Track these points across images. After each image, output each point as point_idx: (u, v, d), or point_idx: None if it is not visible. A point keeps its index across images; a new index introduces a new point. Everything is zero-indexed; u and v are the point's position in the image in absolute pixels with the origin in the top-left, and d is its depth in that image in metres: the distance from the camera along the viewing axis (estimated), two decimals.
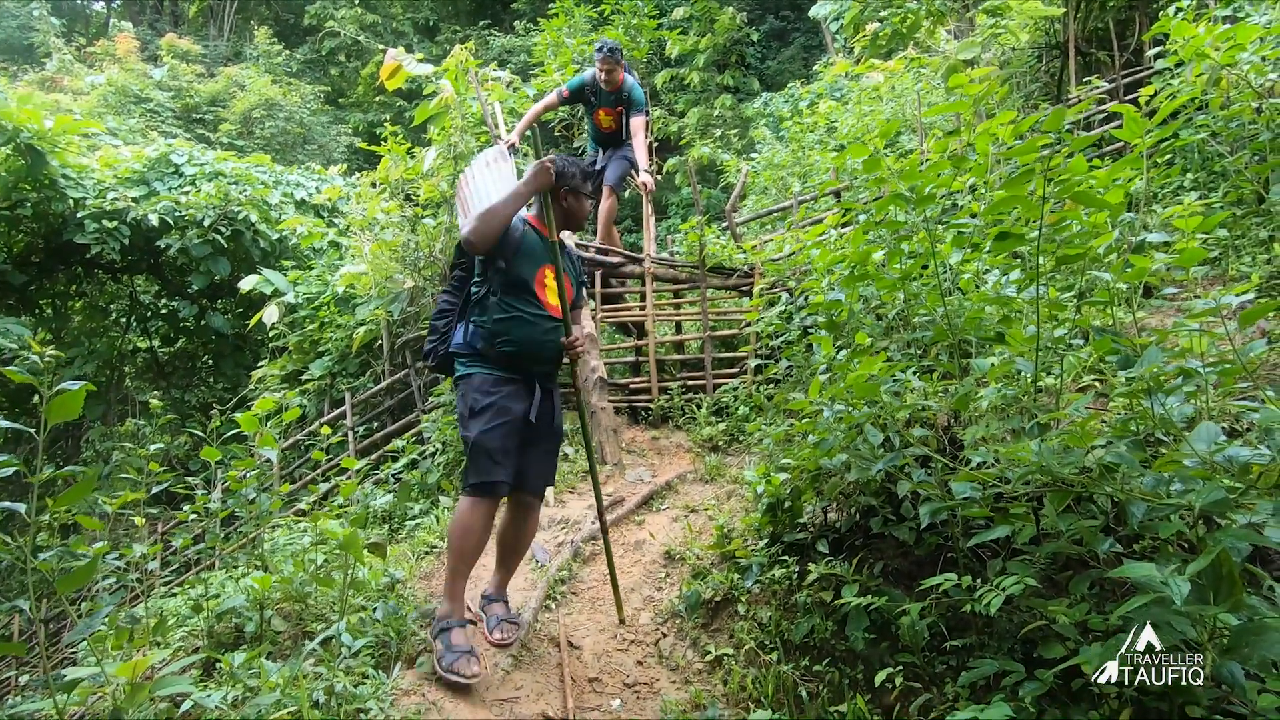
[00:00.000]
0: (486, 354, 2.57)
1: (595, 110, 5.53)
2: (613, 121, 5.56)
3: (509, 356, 2.56)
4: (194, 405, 9.53)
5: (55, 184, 7.65)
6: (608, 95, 5.40)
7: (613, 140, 5.69)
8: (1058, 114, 2.04)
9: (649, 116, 6.03)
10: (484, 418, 2.50)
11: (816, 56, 14.84)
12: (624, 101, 5.44)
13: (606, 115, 5.52)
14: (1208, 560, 1.32)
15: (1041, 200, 1.94)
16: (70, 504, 1.91)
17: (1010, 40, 6.19)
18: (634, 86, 5.45)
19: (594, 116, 5.59)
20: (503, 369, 2.58)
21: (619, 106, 5.49)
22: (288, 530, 4.34)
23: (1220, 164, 4.16)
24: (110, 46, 18.34)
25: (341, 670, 2.41)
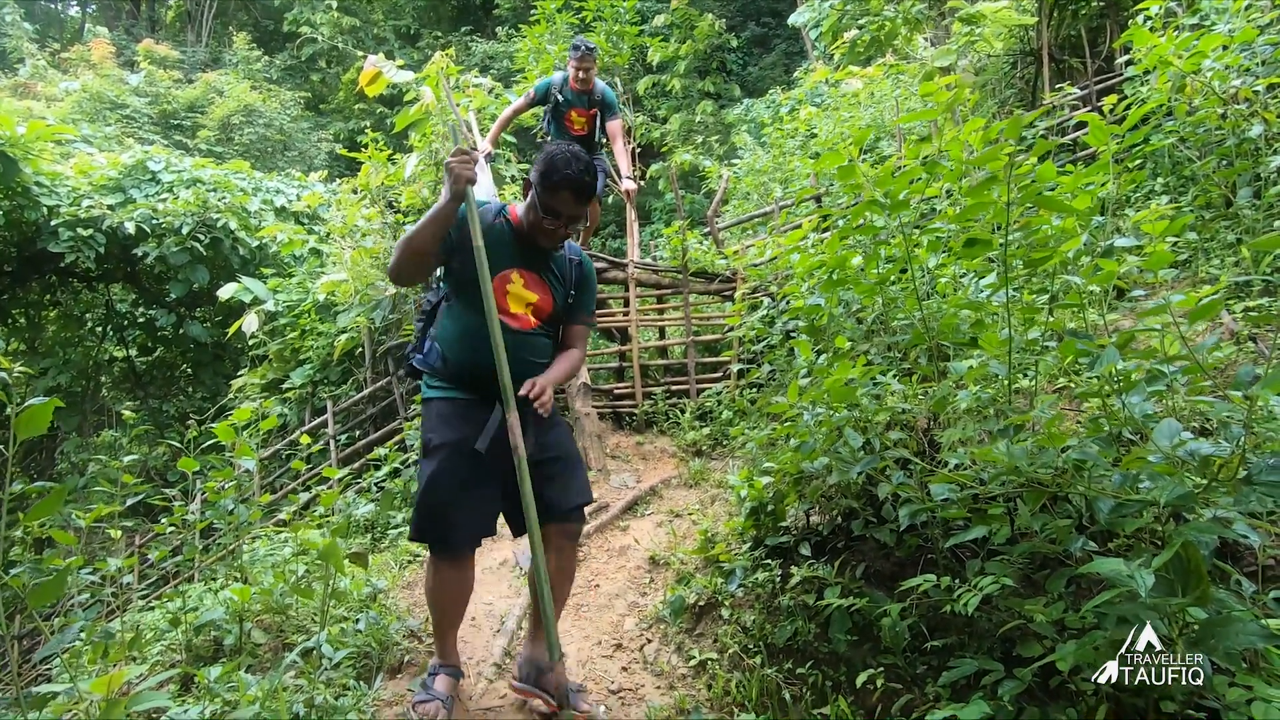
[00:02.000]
0: (442, 372, 2.18)
1: (565, 113, 5.26)
2: (585, 124, 5.32)
3: (462, 375, 2.14)
4: (172, 415, 9.40)
5: (28, 191, 7.53)
6: (579, 96, 5.19)
7: (584, 146, 5.43)
8: (1015, 121, 2.08)
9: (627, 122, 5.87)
10: (436, 458, 2.10)
11: (797, 63, 14.98)
12: (598, 103, 5.24)
13: (579, 116, 5.28)
14: (1170, 554, 1.35)
15: (1007, 205, 1.98)
16: (42, 518, 1.88)
17: (985, 47, 6.30)
18: (606, 89, 5.28)
19: (564, 119, 5.29)
20: (462, 390, 2.16)
21: (592, 109, 5.27)
22: (268, 541, 4.29)
23: (1189, 169, 4.26)
24: (85, 52, 18.11)
25: (322, 682, 2.39)
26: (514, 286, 2.15)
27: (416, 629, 2.93)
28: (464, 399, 2.15)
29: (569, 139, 5.31)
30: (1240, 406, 1.58)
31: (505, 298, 2.13)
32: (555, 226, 2.09)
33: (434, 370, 2.19)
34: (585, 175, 2.04)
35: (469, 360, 2.12)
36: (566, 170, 2.01)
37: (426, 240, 2.00)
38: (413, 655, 2.77)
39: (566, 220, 2.09)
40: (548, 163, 2.04)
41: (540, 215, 2.07)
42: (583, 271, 2.29)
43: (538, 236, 2.13)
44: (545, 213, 2.06)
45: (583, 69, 5.07)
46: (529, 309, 2.17)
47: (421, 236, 1.99)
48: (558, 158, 2.03)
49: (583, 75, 5.08)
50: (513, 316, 2.14)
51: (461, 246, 2.07)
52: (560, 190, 2.03)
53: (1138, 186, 4.49)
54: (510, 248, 2.16)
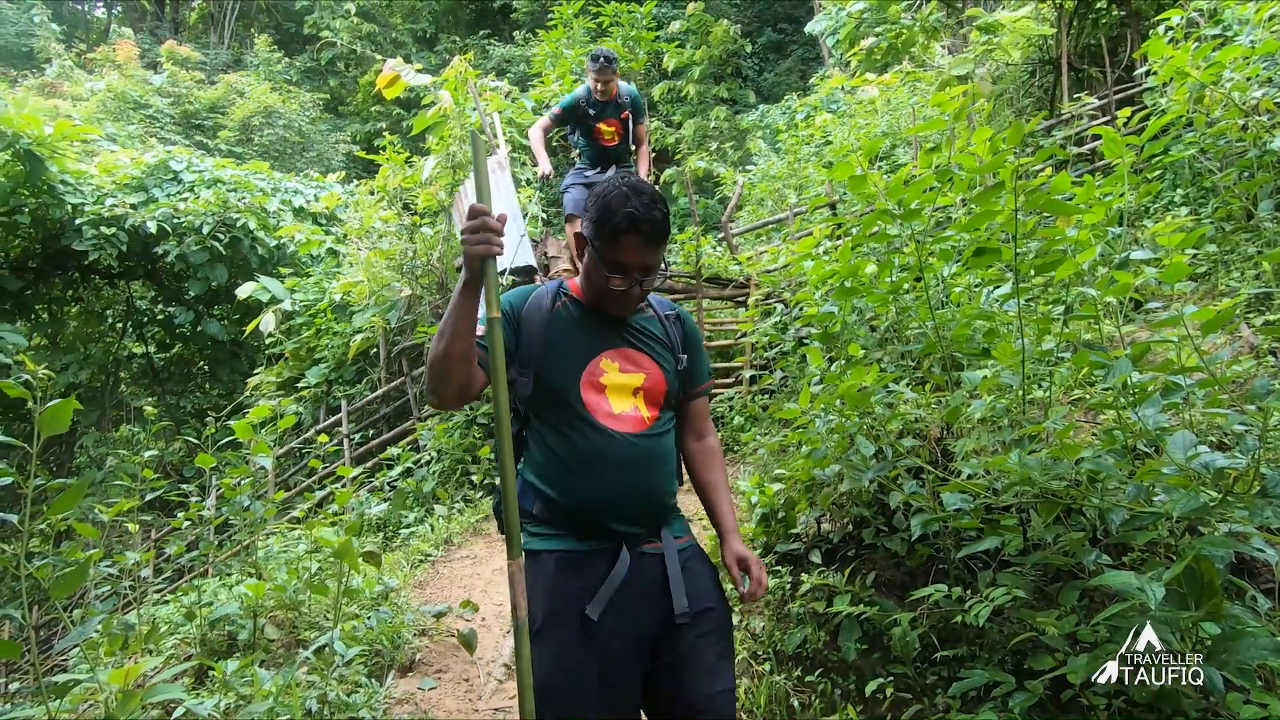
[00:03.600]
0: (544, 517, 1.57)
1: (595, 125, 5.12)
2: (615, 133, 5.17)
3: (573, 516, 1.54)
4: (189, 411, 9.52)
5: (54, 190, 7.67)
6: (607, 106, 5.03)
7: (616, 155, 5.27)
8: (1016, 128, 2.08)
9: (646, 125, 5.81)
10: (549, 648, 1.47)
11: (814, 69, 14.97)
12: (626, 107, 5.09)
13: (609, 127, 5.13)
14: (1182, 567, 1.34)
15: (1015, 213, 1.98)
16: (63, 511, 1.92)
17: (1003, 56, 6.27)
18: (631, 90, 5.15)
19: (593, 132, 5.15)
20: (573, 537, 1.55)
21: (623, 114, 5.09)
22: (282, 538, 4.34)
23: (1210, 180, 4.22)
24: (110, 53, 18.42)
25: (335, 679, 2.42)
26: (610, 377, 1.58)
27: (428, 628, 2.95)
28: (579, 551, 1.54)
29: (600, 151, 5.22)
30: (1256, 419, 1.57)
31: (602, 397, 1.56)
32: (627, 287, 1.53)
33: (530, 514, 1.60)
34: (653, 210, 1.50)
35: (577, 498, 1.52)
36: (627, 208, 1.47)
37: (451, 346, 1.43)
38: (424, 654, 2.80)
39: (638, 274, 1.53)
40: (600, 205, 1.52)
41: (605, 275, 1.53)
42: (685, 326, 1.73)
43: (607, 305, 1.59)
44: (610, 270, 1.52)
45: (602, 80, 4.93)
46: (638, 397, 1.59)
47: (449, 335, 1.43)
48: (612, 196, 1.50)
49: (603, 86, 4.96)
50: (619, 418, 1.55)
51: (527, 352, 1.55)
52: (623, 236, 1.49)
53: (1157, 197, 4.46)
54: (586, 331, 1.60)
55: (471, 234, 1.38)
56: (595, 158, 5.28)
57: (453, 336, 1.43)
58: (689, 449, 1.72)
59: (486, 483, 4.81)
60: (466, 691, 2.61)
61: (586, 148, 5.26)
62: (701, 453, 1.73)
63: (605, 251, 1.52)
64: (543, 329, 1.56)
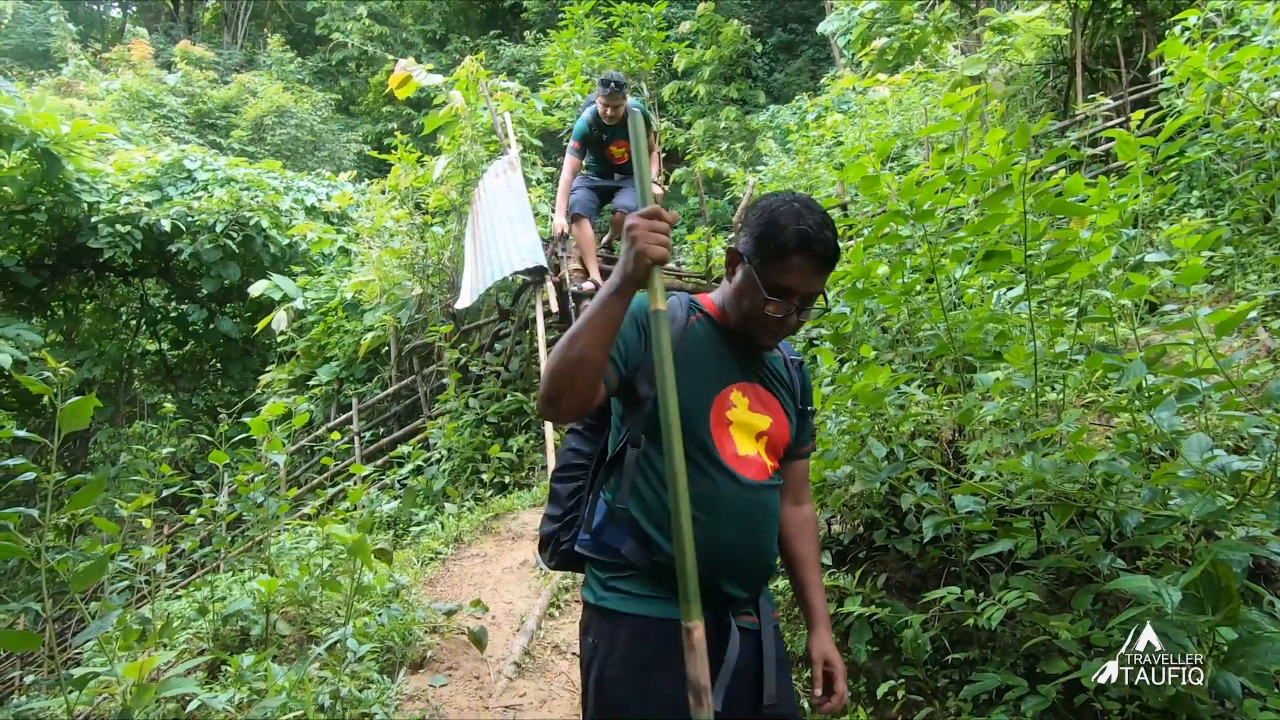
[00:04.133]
0: (640, 564, 1.33)
1: (606, 146, 5.17)
2: (625, 151, 5.17)
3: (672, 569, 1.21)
4: (201, 408, 9.60)
5: (70, 188, 7.75)
6: (617, 127, 5.07)
7: (624, 169, 5.31)
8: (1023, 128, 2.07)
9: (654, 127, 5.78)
10: None
11: (824, 69, 14.93)
12: None
13: (620, 147, 5.19)
14: (1198, 571, 1.33)
15: (1024, 215, 1.98)
16: (83, 506, 1.94)
17: (1016, 56, 6.24)
18: (638, 106, 5.29)
19: (605, 153, 5.21)
20: (669, 597, 1.25)
21: None
22: (293, 535, 4.37)
23: (1226, 181, 4.18)
24: (125, 52, 18.59)
25: (347, 675, 2.43)
26: (737, 412, 1.38)
27: (438, 625, 2.97)
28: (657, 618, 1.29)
29: (609, 168, 5.26)
30: (1273, 422, 1.56)
31: (727, 434, 1.36)
32: (785, 314, 1.34)
33: (611, 554, 1.35)
34: (826, 230, 1.32)
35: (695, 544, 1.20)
36: (799, 226, 1.30)
37: (589, 353, 1.21)
38: (435, 651, 2.81)
39: (799, 300, 1.35)
40: (766, 220, 1.33)
41: (763, 299, 1.33)
42: (804, 372, 1.54)
43: (756, 333, 1.39)
44: (771, 293, 1.32)
45: (612, 105, 4.94)
46: (761, 443, 1.40)
47: (586, 341, 1.20)
48: (780, 211, 1.33)
49: (613, 111, 4.96)
50: (744, 462, 1.36)
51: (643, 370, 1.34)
52: (791, 256, 1.31)
53: (1172, 199, 4.43)
54: (718, 355, 1.40)
55: (648, 230, 1.16)
56: (603, 171, 5.32)
57: (591, 344, 1.21)
58: (785, 514, 1.49)
59: (496, 481, 4.83)
60: (477, 689, 2.62)
61: (597, 166, 5.30)
62: (798, 521, 1.52)
63: (767, 271, 1.33)
64: (677, 340, 1.34)
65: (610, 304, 1.21)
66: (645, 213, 1.19)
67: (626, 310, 1.24)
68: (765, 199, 1.39)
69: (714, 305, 1.48)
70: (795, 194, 1.39)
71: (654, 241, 1.16)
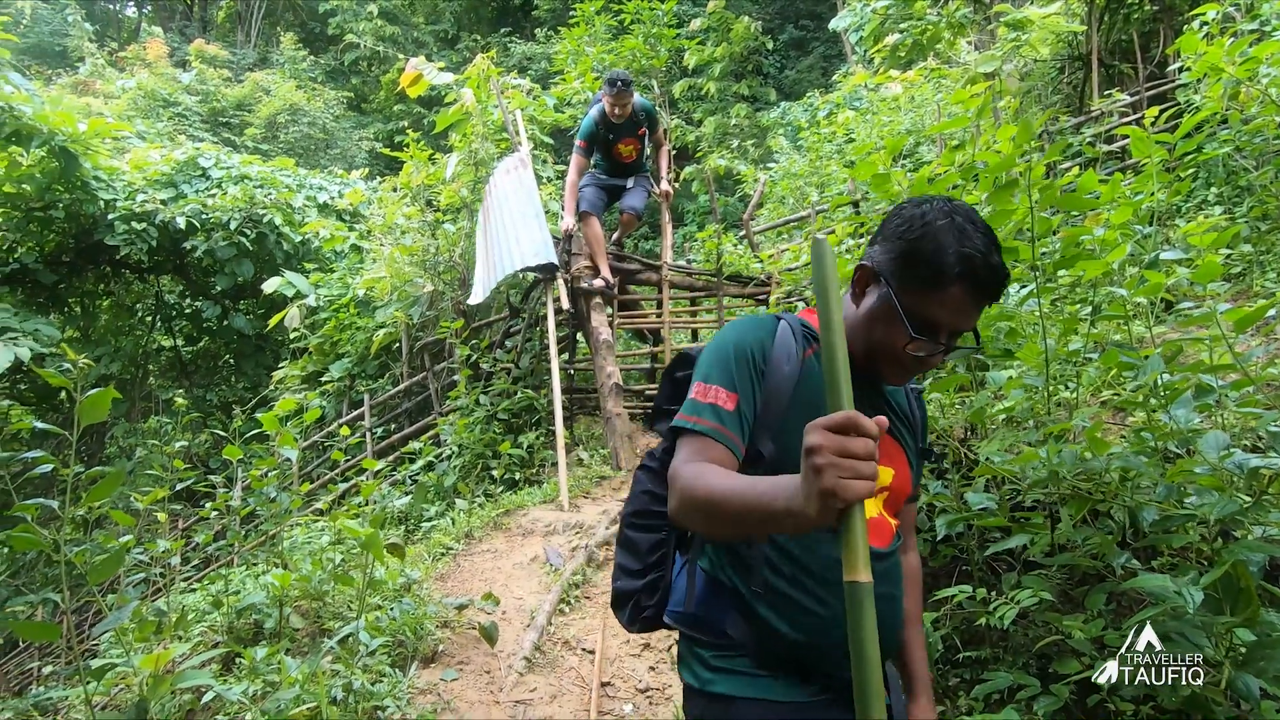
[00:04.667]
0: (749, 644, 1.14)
1: (614, 145, 5.18)
2: (633, 149, 5.24)
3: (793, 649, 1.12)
4: (215, 404, 9.69)
5: (87, 186, 7.84)
6: (624, 125, 5.08)
7: (634, 167, 5.33)
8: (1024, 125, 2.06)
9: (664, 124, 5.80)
10: None
11: (836, 66, 14.85)
12: (643, 122, 5.16)
13: (627, 145, 5.20)
14: (1220, 571, 1.32)
15: (1032, 210, 1.96)
16: (101, 499, 1.97)
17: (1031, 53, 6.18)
18: (644, 102, 5.19)
19: (613, 152, 5.21)
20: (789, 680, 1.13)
21: (640, 130, 5.17)
22: (305, 529, 4.41)
23: (1245, 178, 4.13)
24: (141, 51, 18.77)
25: (359, 668, 2.45)
26: None
27: (450, 620, 2.98)
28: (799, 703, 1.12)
29: (617, 167, 5.25)
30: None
31: None
32: (929, 351, 1.10)
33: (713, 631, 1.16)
34: (995, 254, 1.06)
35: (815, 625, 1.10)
36: (965, 248, 1.04)
37: (736, 532, 1.04)
38: (446, 645, 2.83)
39: (948, 338, 1.10)
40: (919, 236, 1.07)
41: (904, 335, 1.07)
42: (923, 403, 1.33)
43: (886, 369, 1.15)
44: (917, 328, 1.07)
45: (620, 104, 4.94)
46: (880, 498, 1.20)
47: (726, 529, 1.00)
48: (939, 227, 1.05)
49: (620, 110, 4.97)
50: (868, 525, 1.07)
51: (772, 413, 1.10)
52: (950, 287, 1.05)
53: (1189, 197, 4.37)
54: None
55: (839, 455, 0.77)
56: (611, 170, 5.32)
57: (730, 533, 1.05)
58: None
59: (506, 477, 4.85)
60: (488, 684, 2.64)
61: (605, 164, 5.31)
62: (904, 573, 1.28)
63: (913, 301, 1.07)
64: (790, 385, 1.11)
65: (765, 522, 0.90)
66: (834, 423, 0.78)
67: (785, 530, 0.92)
68: (912, 206, 1.11)
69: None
70: (951, 202, 1.09)
71: (849, 473, 0.77)
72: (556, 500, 4.19)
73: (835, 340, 0.81)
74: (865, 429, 0.78)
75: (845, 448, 0.77)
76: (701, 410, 1.08)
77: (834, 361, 0.81)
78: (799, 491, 0.81)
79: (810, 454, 0.78)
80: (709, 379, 1.10)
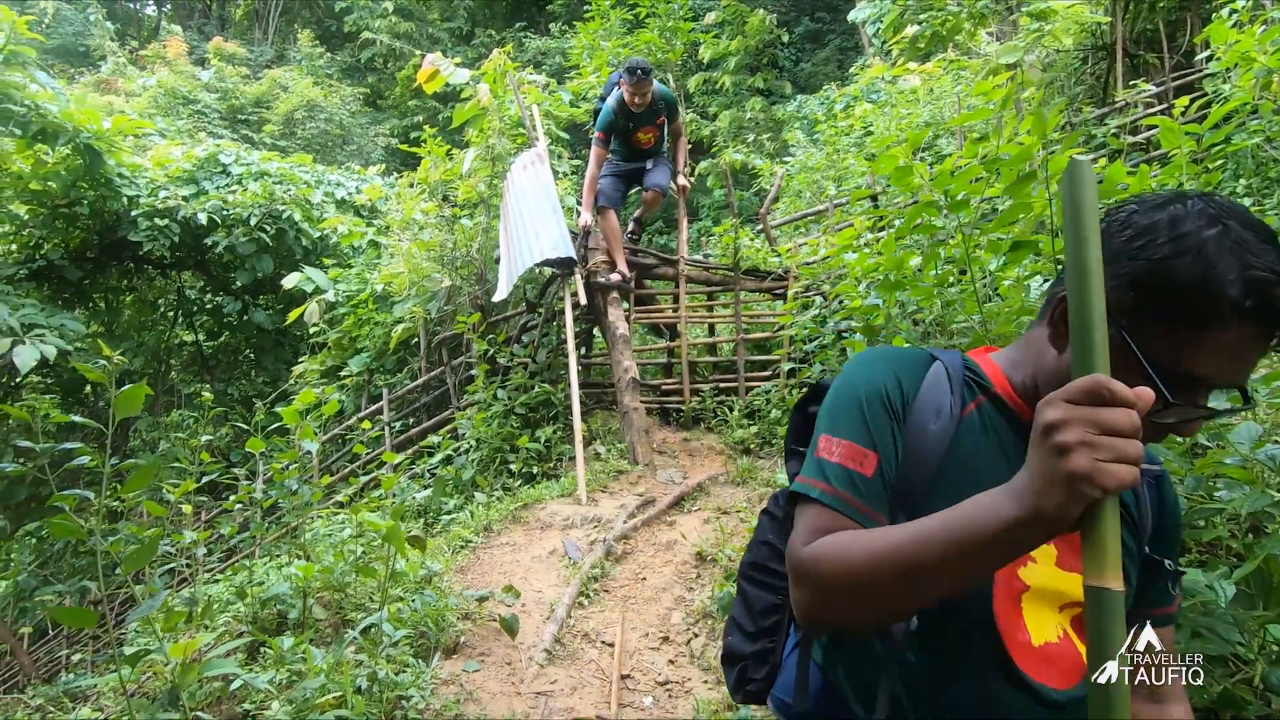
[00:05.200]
0: None
1: (634, 133, 5.15)
2: (652, 136, 5.22)
3: None
4: (236, 398, 9.81)
5: (111, 183, 7.95)
6: (643, 114, 5.05)
7: (652, 153, 5.35)
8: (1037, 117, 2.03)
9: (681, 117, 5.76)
10: None
11: (852, 59, 14.71)
12: (662, 111, 5.13)
13: (646, 134, 5.18)
14: (1254, 564, 1.30)
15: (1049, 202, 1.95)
16: (136, 490, 2.01)
17: (1053, 43, 6.09)
18: (664, 90, 5.16)
19: (632, 140, 5.20)
20: None
21: (659, 118, 5.15)
22: (326, 522, 4.46)
23: (1275, 170, 4.05)
24: (161, 49, 18.99)
25: (383, 658, 2.48)
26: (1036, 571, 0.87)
27: (470, 612, 3.01)
28: None
29: (635, 152, 5.21)
30: None
31: (1015, 611, 0.85)
32: (1183, 417, 0.80)
33: None
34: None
35: None
36: (1253, 270, 0.73)
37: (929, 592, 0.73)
38: (467, 637, 2.86)
39: (1205, 394, 0.80)
40: (1182, 252, 0.75)
41: (1162, 396, 0.75)
42: (1164, 493, 0.96)
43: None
44: (1174, 385, 0.77)
45: (640, 93, 4.87)
46: (1065, 614, 0.89)
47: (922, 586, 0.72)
48: (1209, 240, 0.74)
49: (640, 99, 4.91)
50: (1041, 657, 0.85)
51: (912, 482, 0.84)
52: (1229, 326, 0.74)
53: (1217, 188, 4.29)
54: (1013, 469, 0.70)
55: (1091, 425, 0.60)
56: (629, 156, 5.30)
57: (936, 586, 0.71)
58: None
59: (524, 471, 4.88)
60: (509, 675, 2.66)
61: (623, 151, 5.28)
62: None
63: (1165, 347, 0.76)
64: (937, 451, 0.84)
65: (978, 552, 0.67)
66: (1080, 390, 0.61)
67: (1006, 556, 0.67)
68: (1150, 209, 0.79)
69: (1005, 377, 0.89)
70: (1214, 200, 0.78)
71: (1108, 453, 0.59)
72: (574, 494, 4.21)
73: (1091, 285, 0.62)
74: (1123, 396, 0.60)
75: (1100, 420, 0.59)
76: (829, 473, 0.83)
77: (1087, 315, 0.63)
78: (1029, 487, 0.63)
79: (1051, 431, 0.61)
80: (836, 430, 0.85)
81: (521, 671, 2.67)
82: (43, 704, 3.60)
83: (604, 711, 2.48)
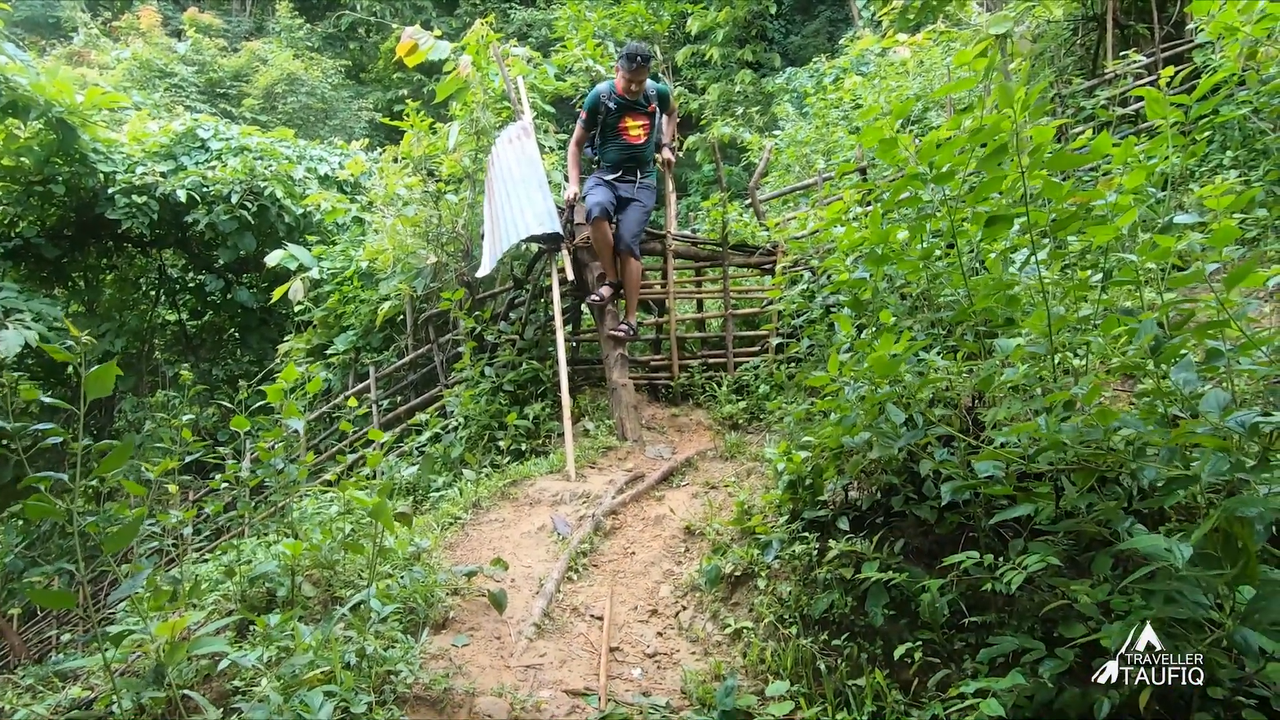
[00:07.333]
0: None
1: (619, 121, 4.79)
2: (642, 129, 4.85)
3: None
4: (221, 378, 9.73)
5: (86, 158, 7.78)
6: (634, 101, 4.77)
7: (642, 155, 4.90)
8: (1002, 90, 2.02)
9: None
10: None
11: (842, 30, 14.53)
12: (654, 101, 4.82)
13: (636, 122, 4.81)
14: (1209, 525, 1.32)
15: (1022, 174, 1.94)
16: (112, 470, 1.98)
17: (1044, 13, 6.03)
18: (659, 87, 4.90)
19: (618, 129, 4.82)
20: None
21: (651, 106, 4.82)
22: (314, 500, 4.45)
23: (1262, 141, 4.05)
24: (134, 21, 18.46)
25: (372, 634, 2.49)
26: None
27: (459, 587, 3.02)
28: None
29: (624, 150, 4.86)
30: None
31: None
32: None
33: None
34: None
35: None
36: None
37: None
38: (456, 612, 2.87)
39: None
40: None
41: None
42: None
43: None
44: None
45: (636, 80, 4.63)
46: None
47: None
48: None
49: (636, 88, 4.67)
50: None
51: None
52: None
53: (1204, 160, 4.29)
54: None
55: None
56: (617, 160, 4.89)
57: None
58: None
59: (513, 448, 4.87)
60: (499, 649, 2.68)
61: (607, 150, 4.93)
62: None
63: None
64: None
65: None
66: None
67: None
68: None
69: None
70: None
71: None
72: (563, 470, 4.21)
73: None
74: None
75: None
76: None
77: None
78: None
79: None
80: None
81: (511, 645, 2.69)
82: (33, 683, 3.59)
83: (592, 684, 2.50)
